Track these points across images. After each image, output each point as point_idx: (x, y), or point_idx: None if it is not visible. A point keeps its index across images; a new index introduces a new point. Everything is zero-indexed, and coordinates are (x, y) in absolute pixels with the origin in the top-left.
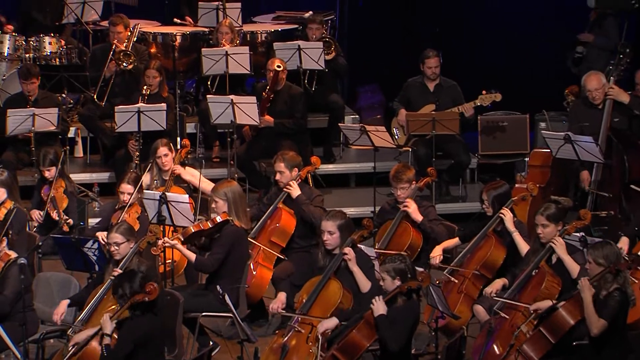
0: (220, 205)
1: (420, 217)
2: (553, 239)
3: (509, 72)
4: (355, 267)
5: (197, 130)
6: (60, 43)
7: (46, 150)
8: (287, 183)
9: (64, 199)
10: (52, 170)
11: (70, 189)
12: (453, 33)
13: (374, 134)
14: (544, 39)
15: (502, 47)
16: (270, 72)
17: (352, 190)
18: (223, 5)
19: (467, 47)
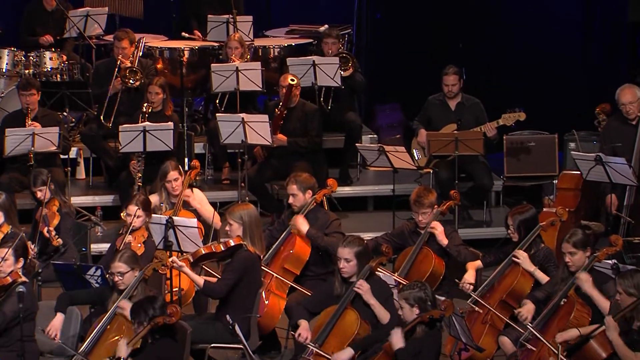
0: (235, 228)
1: (446, 241)
2: (577, 275)
3: (537, 89)
4: (372, 299)
5: (205, 151)
6: (62, 58)
7: (38, 171)
8: (295, 216)
9: (56, 216)
10: (43, 191)
11: (64, 208)
12: (476, 47)
13: (393, 154)
14: (572, 54)
15: (529, 62)
16: (283, 89)
17: (370, 215)
18: (233, 18)
19: (491, 63)
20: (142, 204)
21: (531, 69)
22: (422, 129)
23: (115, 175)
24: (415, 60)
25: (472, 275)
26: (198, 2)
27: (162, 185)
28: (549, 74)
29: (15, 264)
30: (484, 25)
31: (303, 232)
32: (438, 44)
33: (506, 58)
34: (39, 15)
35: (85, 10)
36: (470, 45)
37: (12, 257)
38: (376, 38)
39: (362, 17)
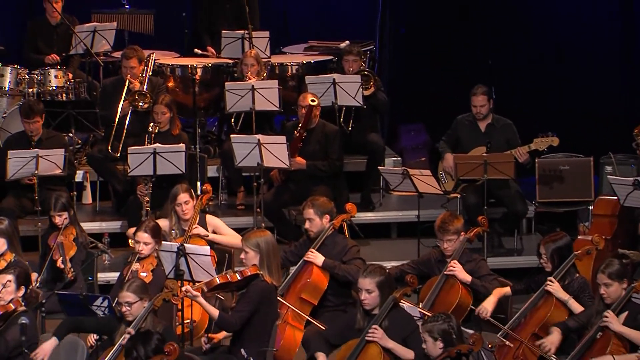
0: (251, 256)
1: (468, 278)
2: (604, 316)
3: (571, 109)
4: (390, 343)
5: (219, 174)
6: (68, 76)
7: (59, 194)
8: (308, 251)
9: (73, 246)
10: (63, 216)
11: (81, 239)
12: (507, 65)
13: (418, 178)
14: (609, 73)
15: (563, 81)
16: (303, 109)
17: (394, 242)
18: (249, 34)
19: (522, 81)
20: (151, 230)
21: (565, 87)
22: (449, 151)
23: (124, 200)
24: (442, 78)
25: (491, 302)
26: (211, 17)
27: (172, 208)
28: (584, 94)
29: (16, 292)
30: (515, 42)
31: (319, 265)
32: (466, 62)
33: (538, 76)
34: (42, 31)
35: (93, 25)
36: (500, 63)
37: (14, 285)
38: (400, 54)
39: (385, 33)
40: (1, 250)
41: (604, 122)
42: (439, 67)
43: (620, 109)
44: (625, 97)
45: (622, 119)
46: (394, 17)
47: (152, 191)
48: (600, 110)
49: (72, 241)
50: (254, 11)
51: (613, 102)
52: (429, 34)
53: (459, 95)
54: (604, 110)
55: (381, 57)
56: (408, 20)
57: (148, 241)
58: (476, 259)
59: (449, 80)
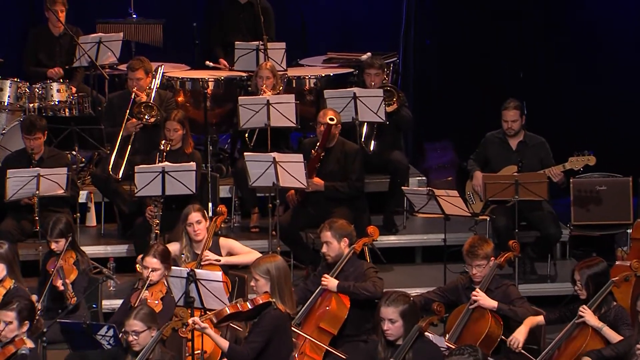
0: (262, 284)
1: (494, 304)
2: (635, 348)
3: (608, 126)
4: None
5: (232, 195)
6: (71, 90)
7: (57, 218)
8: (322, 277)
9: (73, 270)
10: (60, 243)
11: (82, 264)
12: (540, 78)
13: (445, 199)
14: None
15: (599, 96)
16: (321, 126)
17: (418, 268)
18: (264, 45)
19: (556, 96)
20: (160, 255)
21: (602, 102)
22: (478, 170)
23: (130, 223)
24: (470, 92)
25: (522, 332)
26: (224, 27)
27: (183, 229)
28: (622, 110)
29: (19, 329)
30: (549, 52)
31: (333, 289)
32: (496, 74)
33: (574, 90)
34: (44, 42)
35: (98, 36)
36: (533, 76)
37: (16, 321)
38: (425, 67)
39: (410, 44)
40: (0, 276)
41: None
42: (467, 80)
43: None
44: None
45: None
46: (419, 27)
47: (161, 213)
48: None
49: (72, 264)
50: (269, 21)
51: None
52: (456, 45)
53: (489, 110)
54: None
55: (405, 70)
56: (434, 31)
57: (157, 267)
58: (506, 283)
59: (478, 95)
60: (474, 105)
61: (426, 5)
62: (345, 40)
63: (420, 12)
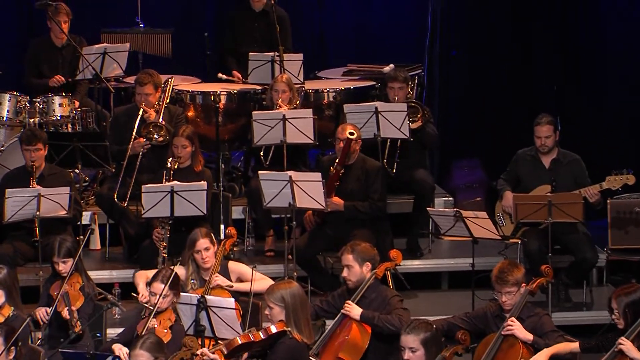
0: (276, 312)
1: (529, 337)
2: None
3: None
4: None
5: (245, 216)
6: (74, 105)
7: (63, 238)
8: (345, 303)
9: (79, 296)
10: (67, 264)
11: (88, 289)
12: (575, 92)
13: (473, 221)
14: None
15: (638, 112)
16: (340, 142)
17: (444, 294)
18: (280, 56)
19: (592, 111)
20: (168, 280)
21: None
22: (509, 190)
23: (137, 246)
24: (500, 107)
25: (545, 356)
26: (237, 37)
27: (190, 256)
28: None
29: (7, 356)
30: (584, 64)
31: (356, 318)
32: (527, 87)
33: (611, 105)
34: (46, 53)
35: (103, 46)
36: (567, 89)
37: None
38: (452, 80)
39: (435, 55)
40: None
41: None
42: (496, 94)
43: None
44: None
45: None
46: (444, 38)
47: (169, 235)
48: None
49: (79, 290)
50: (285, 30)
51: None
52: (485, 56)
53: (520, 126)
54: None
55: (430, 83)
56: (461, 41)
57: (165, 293)
58: (539, 313)
59: (508, 109)
60: (504, 121)
61: (453, 14)
62: (366, 51)
63: (446, 21)
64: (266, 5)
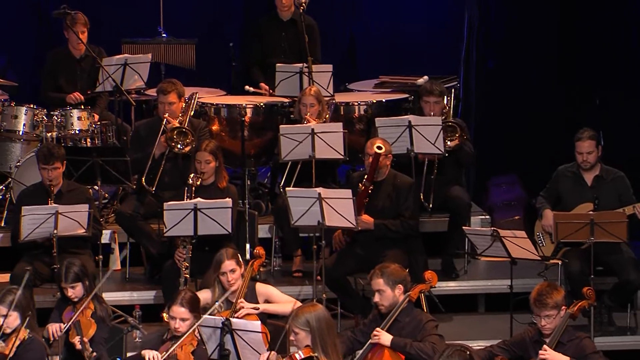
0: (302, 337)
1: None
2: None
3: None
4: None
5: (272, 235)
6: (93, 118)
7: (69, 262)
8: (375, 330)
9: (91, 324)
10: (77, 288)
11: (100, 312)
12: (618, 105)
13: (511, 241)
14: None
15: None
16: (369, 157)
17: (481, 317)
18: (309, 67)
19: (635, 125)
20: (188, 303)
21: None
22: (549, 208)
23: (158, 266)
24: (539, 121)
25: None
26: (264, 48)
27: (215, 278)
28: None
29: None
30: (629, 77)
31: (387, 345)
32: (569, 100)
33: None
34: (64, 64)
35: (123, 57)
36: (611, 102)
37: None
38: (489, 93)
39: (471, 67)
40: (13, 325)
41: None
42: (535, 108)
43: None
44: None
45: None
46: (481, 48)
47: (192, 255)
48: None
49: (90, 317)
50: (314, 40)
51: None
52: (523, 68)
53: (561, 141)
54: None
55: (466, 96)
56: (498, 52)
57: (185, 317)
58: (580, 336)
59: (548, 123)
60: (544, 136)
61: (490, 24)
62: (399, 63)
63: (483, 31)
64: (294, 13)
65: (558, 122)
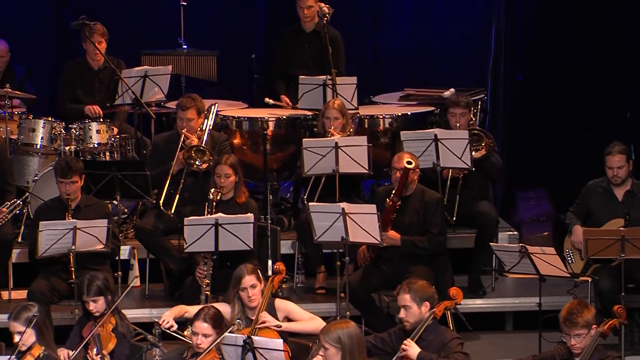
0: (332, 354)
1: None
2: None
3: None
4: None
5: (295, 251)
6: (112, 131)
7: (92, 275)
8: (405, 341)
9: (112, 338)
10: (99, 302)
11: (122, 329)
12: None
13: (539, 257)
14: None
15: None
16: (397, 172)
17: (508, 336)
18: (332, 80)
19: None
20: (212, 319)
21: None
22: (578, 224)
23: (179, 282)
24: (569, 135)
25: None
26: (287, 60)
27: (235, 294)
28: None
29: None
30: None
31: (413, 358)
32: (598, 114)
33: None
34: (82, 76)
35: (143, 69)
36: None
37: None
38: (517, 106)
39: (499, 79)
40: (29, 343)
41: None
42: (564, 121)
43: None
44: None
45: None
46: (509, 60)
47: (212, 271)
48: None
49: (111, 332)
50: (338, 52)
51: None
52: (552, 81)
53: (590, 155)
54: None
55: (494, 109)
56: (527, 64)
57: (208, 332)
58: (611, 355)
59: (577, 138)
60: (573, 150)
61: (518, 35)
62: (425, 75)
63: (511, 42)
64: (318, 25)
65: (588, 136)
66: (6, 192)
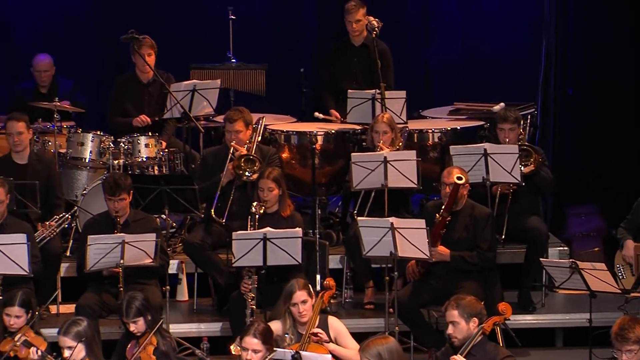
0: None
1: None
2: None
3: None
4: None
5: (343, 266)
6: (161, 145)
7: (130, 296)
8: (451, 358)
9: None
10: (138, 323)
11: (163, 347)
12: None
13: (590, 273)
14: None
15: None
16: (447, 187)
17: (559, 352)
18: (381, 94)
19: None
20: (261, 334)
21: None
22: (630, 239)
23: (227, 297)
24: (620, 150)
25: None
26: (336, 74)
27: (286, 309)
28: None
29: None
30: None
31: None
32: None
33: None
34: (131, 90)
35: (192, 83)
36: None
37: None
38: (567, 120)
39: (549, 93)
40: (79, 357)
41: None
42: (615, 136)
43: None
44: None
45: None
46: (560, 74)
47: (258, 285)
48: None
49: (152, 354)
50: (387, 66)
51: None
52: (603, 95)
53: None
54: None
55: (544, 124)
56: (578, 78)
57: (258, 348)
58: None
59: (628, 152)
60: (624, 164)
61: (569, 49)
62: (474, 89)
63: (561, 57)
64: (367, 39)
65: (638, 151)
66: (55, 206)
